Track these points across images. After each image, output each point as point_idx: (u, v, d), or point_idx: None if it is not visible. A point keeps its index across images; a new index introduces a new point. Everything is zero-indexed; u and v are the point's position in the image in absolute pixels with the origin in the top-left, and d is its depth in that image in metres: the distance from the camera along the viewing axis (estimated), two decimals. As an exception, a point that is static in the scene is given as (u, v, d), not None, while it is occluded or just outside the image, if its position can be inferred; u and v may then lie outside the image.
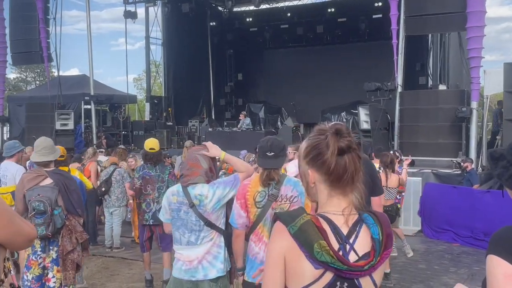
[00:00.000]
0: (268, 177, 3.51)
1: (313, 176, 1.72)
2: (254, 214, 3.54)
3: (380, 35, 20.94)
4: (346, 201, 1.70)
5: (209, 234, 3.65)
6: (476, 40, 11.26)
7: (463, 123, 11.87)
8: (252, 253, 3.58)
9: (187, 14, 20.39)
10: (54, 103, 17.86)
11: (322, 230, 1.62)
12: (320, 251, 1.58)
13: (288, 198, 3.52)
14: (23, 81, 49.90)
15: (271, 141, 3.59)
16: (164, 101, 22.32)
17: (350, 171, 1.68)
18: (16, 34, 17.92)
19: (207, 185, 3.68)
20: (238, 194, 3.63)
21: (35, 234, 2.13)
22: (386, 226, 1.71)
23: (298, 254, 1.62)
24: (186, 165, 3.73)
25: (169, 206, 3.72)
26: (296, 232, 1.62)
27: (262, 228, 3.54)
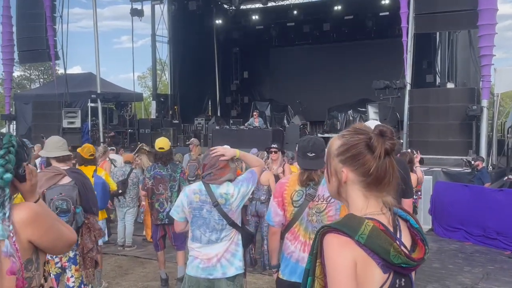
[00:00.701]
0: (308, 178, 3.50)
1: (347, 175, 1.68)
2: (290, 212, 3.53)
3: (387, 33, 20.96)
4: (381, 201, 1.68)
5: (230, 233, 3.68)
6: (487, 38, 11.21)
7: (473, 121, 11.82)
8: (287, 251, 3.57)
9: (193, 12, 20.38)
10: (61, 101, 17.89)
11: (389, 234, 1.60)
12: (396, 254, 1.56)
13: (325, 198, 3.50)
14: (27, 79, 49.95)
15: (313, 141, 3.56)
16: (170, 99, 22.31)
17: (389, 174, 1.66)
18: (23, 32, 17.92)
19: (232, 183, 3.69)
20: (276, 192, 3.63)
21: (74, 238, 2.13)
22: (416, 218, 1.71)
23: (368, 263, 1.58)
24: (216, 165, 3.70)
25: (190, 205, 3.71)
26: (367, 241, 1.56)
27: (299, 227, 3.53)
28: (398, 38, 19.58)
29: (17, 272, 1.92)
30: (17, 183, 2.02)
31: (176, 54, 22.44)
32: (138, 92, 23.95)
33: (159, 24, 22.00)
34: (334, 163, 1.71)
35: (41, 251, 2.02)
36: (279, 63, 24.05)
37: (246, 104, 24.04)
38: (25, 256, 1.97)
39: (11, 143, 1.98)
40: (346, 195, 1.71)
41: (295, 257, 3.51)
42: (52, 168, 4.65)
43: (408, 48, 12.90)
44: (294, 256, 3.52)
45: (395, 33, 20.63)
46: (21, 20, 17.92)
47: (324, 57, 22.43)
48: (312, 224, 3.50)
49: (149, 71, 46.32)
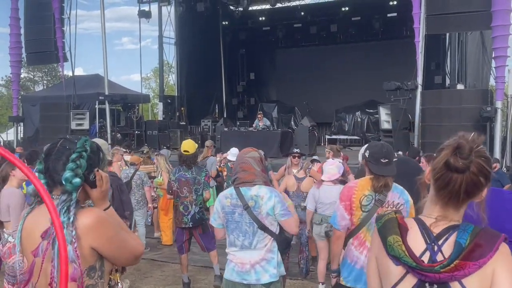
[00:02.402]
0: (384, 185, 3.46)
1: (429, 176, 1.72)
2: (358, 217, 3.49)
3: (395, 34, 20.96)
4: (446, 210, 1.68)
5: (263, 239, 3.58)
6: (502, 39, 11.16)
7: (487, 122, 11.75)
8: (351, 257, 3.52)
9: (200, 13, 20.36)
10: (69, 102, 17.86)
11: (403, 228, 1.65)
12: (392, 244, 1.62)
13: (395, 205, 3.48)
14: (30, 80, 49.93)
15: (386, 147, 3.56)
16: (177, 100, 22.27)
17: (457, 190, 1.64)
18: (31, 34, 17.91)
19: (266, 187, 3.63)
20: (343, 196, 3.58)
21: (141, 250, 2.04)
22: (480, 238, 1.61)
23: (384, 252, 1.67)
24: (239, 168, 3.67)
25: (222, 210, 3.67)
26: (380, 228, 1.71)
27: (365, 233, 3.48)
28: (405, 39, 19.71)
29: (78, 279, 1.88)
30: (88, 189, 1.97)
31: (182, 55, 22.41)
32: (145, 94, 23.92)
33: (165, 25, 22.03)
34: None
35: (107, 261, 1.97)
36: (286, 65, 23.98)
37: (253, 106, 23.98)
38: (87, 263, 1.94)
39: (84, 148, 1.94)
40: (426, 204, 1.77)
41: (361, 264, 3.47)
42: None
43: (419, 49, 12.84)
44: (359, 263, 3.48)
45: (403, 35, 20.67)
46: (29, 22, 17.90)
47: (331, 58, 22.35)
48: None
49: (153, 73, 46.41)
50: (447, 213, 1.67)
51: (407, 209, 3.51)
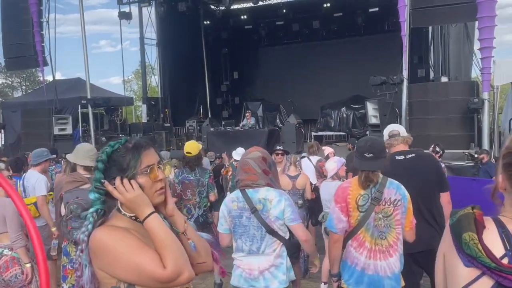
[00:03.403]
0: (366, 179, 3.33)
1: (502, 183, 1.54)
2: (356, 218, 3.36)
3: (377, 29, 21.05)
4: None
5: (272, 244, 3.44)
6: (487, 30, 11.17)
7: (474, 114, 11.79)
8: (351, 259, 3.40)
9: (181, 14, 20.12)
10: (50, 108, 17.51)
11: (480, 224, 1.48)
12: (468, 242, 1.45)
13: (392, 201, 3.35)
14: (9, 86, 49.12)
15: (371, 142, 3.42)
16: (160, 102, 22.05)
17: None
18: (9, 38, 17.51)
19: (274, 190, 3.49)
20: (338, 198, 3.44)
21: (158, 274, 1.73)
22: None
23: (453, 251, 1.51)
24: (241, 170, 3.55)
25: (229, 214, 3.54)
26: (453, 223, 1.53)
27: (364, 233, 3.35)
28: (387, 34, 19.80)
29: None
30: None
31: (165, 56, 22.19)
32: (128, 96, 23.65)
33: (146, 27, 21.78)
34: (499, 164, 1.57)
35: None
36: (269, 63, 23.91)
37: (237, 105, 23.85)
38: (106, 285, 1.79)
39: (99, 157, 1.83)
40: (505, 201, 1.57)
41: (361, 265, 3.36)
42: (75, 174, 4.52)
43: (405, 43, 12.83)
44: (360, 265, 3.37)
45: (385, 29, 20.78)
46: (7, 27, 17.50)
47: (314, 55, 22.32)
48: (378, 229, 3.35)
49: (134, 75, 45.96)
50: None
51: (404, 205, 3.40)
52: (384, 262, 3.35)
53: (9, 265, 4.34)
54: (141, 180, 1.82)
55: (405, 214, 3.39)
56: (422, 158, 4.52)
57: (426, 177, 4.20)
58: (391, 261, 3.34)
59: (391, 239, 3.37)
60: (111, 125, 20.45)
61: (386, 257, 3.35)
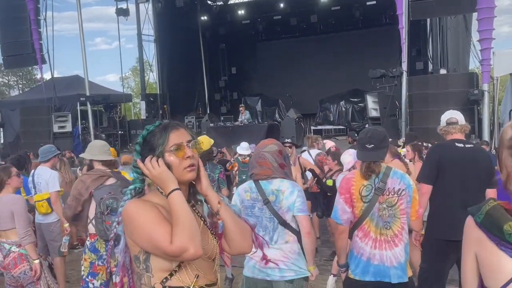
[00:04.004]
0: (368, 169, 3.35)
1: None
2: (360, 209, 3.37)
3: (374, 23, 20.99)
4: None
5: (284, 236, 3.45)
6: (487, 21, 11.22)
7: (474, 105, 11.84)
8: (357, 249, 3.41)
9: (178, 10, 20.07)
10: (50, 105, 17.49)
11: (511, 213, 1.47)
12: (511, 232, 1.42)
13: (396, 191, 3.35)
14: (5, 85, 48.98)
15: (371, 132, 3.42)
16: (159, 98, 22.02)
17: None
18: (7, 37, 17.50)
19: (288, 181, 3.49)
20: (341, 189, 3.45)
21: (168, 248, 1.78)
22: None
23: (490, 247, 1.48)
24: (256, 163, 3.54)
25: (242, 204, 3.54)
26: (483, 220, 1.50)
27: (369, 223, 3.37)
28: (385, 27, 19.77)
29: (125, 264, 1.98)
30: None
31: (162, 53, 22.12)
32: (127, 93, 23.61)
33: (144, 23, 21.72)
34: (504, 155, 1.55)
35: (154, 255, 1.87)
36: (267, 58, 23.83)
37: (236, 100, 23.82)
38: (132, 252, 1.93)
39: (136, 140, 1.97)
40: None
41: (366, 255, 3.37)
42: (97, 171, 4.54)
43: (404, 36, 12.85)
44: (365, 255, 3.38)
45: (382, 22, 20.74)
46: (5, 25, 17.46)
47: (312, 49, 22.29)
48: (383, 220, 3.36)
49: (131, 72, 45.88)
50: None
51: (409, 194, 3.40)
52: (390, 251, 3.36)
53: (17, 261, 4.35)
54: (168, 158, 1.91)
55: (410, 204, 3.39)
56: (480, 151, 4.57)
57: (479, 170, 4.21)
58: (397, 251, 3.35)
59: (396, 228, 3.38)
60: (110, 122, 20.39)
61: (391, 247, 3.36)
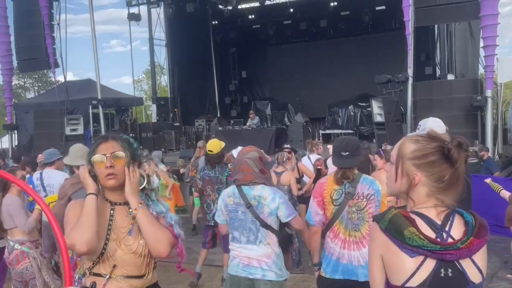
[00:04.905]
0: (342, 176, 3.57)
1: (420, 179, 1.75)
2: (331, 211, 3.60)
3: (384, 27, 21.07)
4: (441, 201, 1.76)
5: (267, 237, 3.66)
6: (490, 28, 11.28)
7: (478, 111, 11.90)
8: (328, 249, 3.64)
9: (189, 14, 20.39)
10: (62, 108, 17.86)
11: (411, 219, 1.70)
12: (411, 236, 1.65)
13: (365, 196, 3.56)
14: (21, 87, 49.72)
15: (346, 141, 3.66)
16: (170, 102, 22.35)
17: (459, 182, 1.75)
18: (21, 41, 17.90)
19: (269, 187, 3.71)
20: (315, 192, 3.69)
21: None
22: (480, 218, 1.76)
23: (393, 250, 1.71)
24: (238, 169, 3.76)
25: (226, 208, 3.76)
26: (387, 226, 1.71)
27: (339, 225, 3.59)
28: (395, 32, 19.80)
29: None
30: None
31: (174, 56, 22.46)
32: (138, 96, 23.97)
33: (155, 27, 22.08)
34: (407, 166, 1.78)
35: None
36: (277, 62, 24.05)
37: (246, 104, 24.10)
38: None
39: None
40: (413, 194, 1.79)
41: (336, 255, 3.60)
42: (76, 175, 4.69)
43: (409, 41, 12.95)
44: (335, 254, 3.60)
45: (392, 27, 20.78)
46: (20, 29, 17.89)
47: (322, 53, 22.44)
48: (352, 222, 3.58)
49: (144, 75, 46.32)
50: (446, 200, 1.75)
51: (378, 199, 3.60)
52: (358, 252, 3.58)
53: (20, 258, 4.62)
54: (94, 166, 2.23)
55: (378, 208, 3.60)
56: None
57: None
58: (364, 251, 3.54)
59: (364, 231, 3.59)
60: (121, 125, 20.73)
61: (359, 248, 3.59)
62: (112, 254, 2.20)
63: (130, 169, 2.22)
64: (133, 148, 2.30)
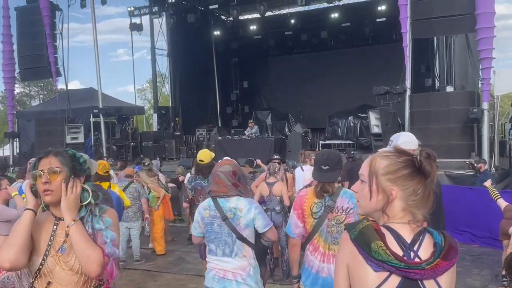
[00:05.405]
0: (322, 190, 3.59)
1: (396, 193, 1.75)
2: (310, 224, 3.61)
3: (385, 39, 21.12)
4: (414, 216, 1.77)
5: (242, 250, 3.66)
6: (486, 41, 11.33)
7: (475, 124, 11.91)
8: (308, 262, 3.64)
9: (191, 24, 20.54)
10: (63, 117, 18.00)
11: (381, 233, 1.70)
12: (377, 250, 1.65)
13: (344, 209, 3.58)
14: (27, 95, 50.07)
15: (327, 155, 3.67)
16: (171, 111, 22.47)
17: (431, 194, 1.76)
18: (24, 50, 18.12)
19: (244, 199, 3.72)
20: (295, 205, 3.70)
21: None
22: (451, 239, 1.75)
23: (359, 260, 1.71)
24: (212, 182, 3.79)
25: (202, 221, 3.77)
26: (356, 237, 1.71)
27: (318, 239, 3.60)
28: (395, 44, 19.83)
29: None
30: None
31: (175, 66, 22.60)
32: (139, 105, 24.11)
33: (158, 37, 22.25)
34: (382, 182, 1.77)
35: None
36: (278, 72, 24.20)
37: (247, 114, 24.15)
38: None
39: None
40: (388, 210, 1.78)
41: (316, 268, 3.59)
42: None
43: (407, 53, 13.01)
44: (315, 267, 3.60)
45: (393, 39, 20.80)
46: (22, 38, 18.11)
47: (322, 64, 22.56)
48: (331, 235, 3.58)
49: (148, 84, 46.55)
50: (418, 214, 1.76)
51: (357, 212, 3.54)
52: None
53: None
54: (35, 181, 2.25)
55: None
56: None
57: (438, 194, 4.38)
58: None
59: None
60: (122, 133, 20.86)
61: None
62: (50, 270, 2.20)
63: (69, 185, 2.21)
64: (77, 163, 2.28)
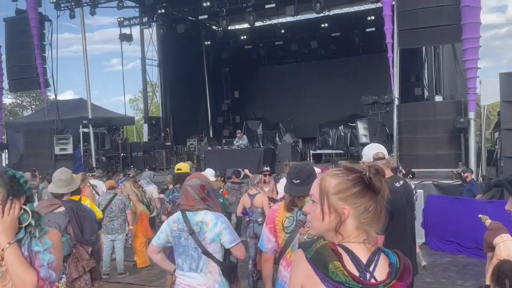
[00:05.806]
0: (291, 203, 3.53)
1: (348, 212, 1.72)
2: (282, 239, 3.55)
3: (374, 48, 21.13)
4: (368, 234, 1.74)
5: (208, 265, 3.63)
6: (472, 51, 11.37)
7: (462, 133, 11.92)
8: (281, 278, 3.59)
9: (181, 35, 20.56)
10: (52, 128, 17.91)
11: (338, 253, 1.66)
12: (335, 271, 1.62)
13: None
14: (19, 106, 49.94)
15: (299, 168, 3.62)
16: (162, 121, 22.42)
17: (383, 210, 1.74)
18: (12, 61, 18.06)
19: (212, 213, 3.69)
20: (268, 219, 3.66)
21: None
22: (405, 259, 1.73)
23: (315, 281, 1.66)
24: (182, 195, 3.79)
25: (171, 234, 3.74)
26: (312, 256, 1.67)
27: (291, 253, 3.54)
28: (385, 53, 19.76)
29: None
30: None
31: (166, 76, 22.61)
32: (129, 115, 24.06)
33: (148, 47, 22.26)
34: (333, 201, 1.73)
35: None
36: (269, 82, 24.23)
37: (238, 124, 24.17)
38: None
39: None
40: (341, 229, 1.74)
41: None
42: (50, 199, 4.82)
43: (394, 64, 13.04)
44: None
45: (382, 48, 20.68)
46: (11, 49, 18.07)
47: (313, 74, 22.63)
48: None
49: (141, 94, 46.51)
50: (371, 232, 1.73)
51: None
52: None
53: None
54: None
55: None
56: (408, 185, 4.66)
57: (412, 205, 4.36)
58: None
59: None
60: (112, 144, 20.79)
61: None
62: None
63: (6, 206, 2.15)
64: (16, 184, 2.22)
